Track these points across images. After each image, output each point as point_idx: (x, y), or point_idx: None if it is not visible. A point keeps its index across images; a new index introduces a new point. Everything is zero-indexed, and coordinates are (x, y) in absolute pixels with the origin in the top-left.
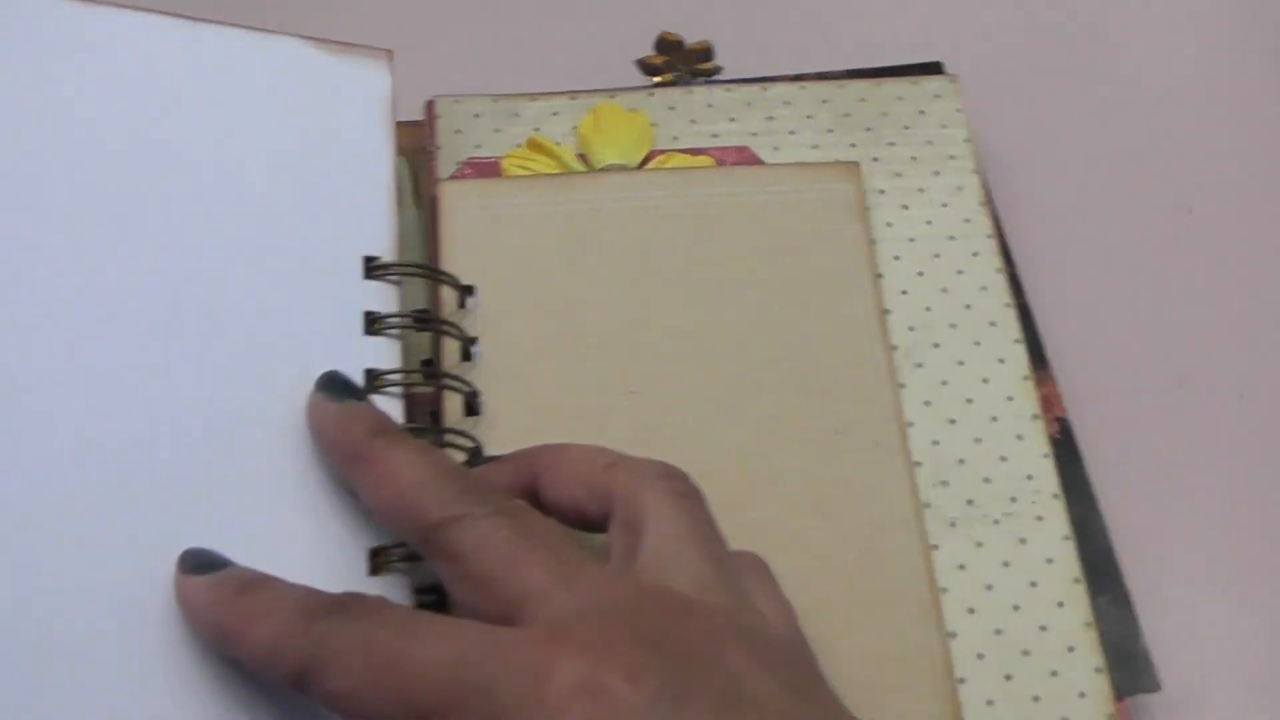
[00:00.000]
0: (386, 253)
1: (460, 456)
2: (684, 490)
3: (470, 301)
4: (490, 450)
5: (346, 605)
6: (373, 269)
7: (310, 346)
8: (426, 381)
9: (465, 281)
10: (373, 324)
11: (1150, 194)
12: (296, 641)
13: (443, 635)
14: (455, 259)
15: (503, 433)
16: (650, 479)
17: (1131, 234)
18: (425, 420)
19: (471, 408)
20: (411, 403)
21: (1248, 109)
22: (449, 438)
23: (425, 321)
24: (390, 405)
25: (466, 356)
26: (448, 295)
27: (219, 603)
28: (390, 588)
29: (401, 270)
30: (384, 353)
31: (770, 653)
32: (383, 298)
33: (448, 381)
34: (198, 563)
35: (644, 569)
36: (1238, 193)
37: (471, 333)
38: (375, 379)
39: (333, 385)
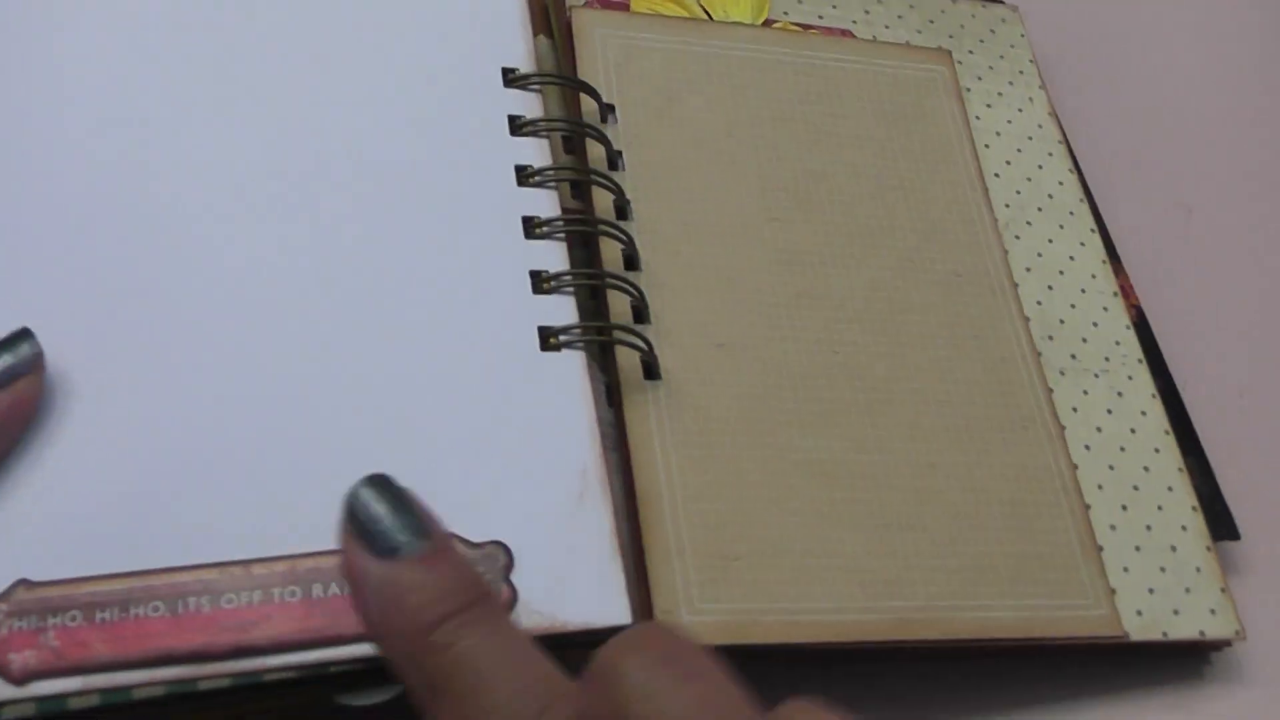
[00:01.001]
0: (524, 66)
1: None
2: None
3: (610, 119)
4: (643, 255)
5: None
6: (512, 79)
7: (459, 150)
8: (577, 179)
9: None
10: (520, 128)
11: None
12: None
13: None
14: (592, 81)
15: (653, 239)
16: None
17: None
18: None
19: (621, 211)
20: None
21: None
22: (603, 228)
23: (571, 126)
24: (546, 199)
25: (613, 165)
26: (589, 111)
27: None
28: (563, 361)
29: (542, 79)
30: (534, 152)
31: None
32: (526, 105)
33: (597, 178)
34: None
35: None
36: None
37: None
38: (527, 176)
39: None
